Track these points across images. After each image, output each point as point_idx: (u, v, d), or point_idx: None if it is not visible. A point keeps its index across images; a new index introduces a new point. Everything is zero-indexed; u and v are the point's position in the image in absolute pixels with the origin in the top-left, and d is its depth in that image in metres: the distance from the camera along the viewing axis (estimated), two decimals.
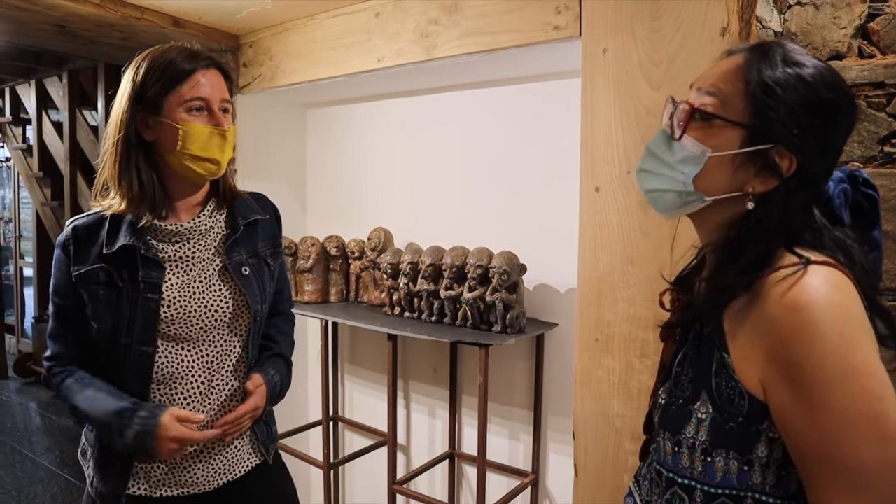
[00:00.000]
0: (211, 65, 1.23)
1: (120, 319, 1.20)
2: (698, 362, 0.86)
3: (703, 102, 0.86)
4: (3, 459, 3.84)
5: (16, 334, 6.12)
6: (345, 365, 2.99)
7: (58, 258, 1.25)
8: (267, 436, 1.40)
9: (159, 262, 1.23)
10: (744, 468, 0.80)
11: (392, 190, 2.76)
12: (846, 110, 0.83)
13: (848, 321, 0.73)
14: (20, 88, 4.91)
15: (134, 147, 1.20)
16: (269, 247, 1.40)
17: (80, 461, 1.33)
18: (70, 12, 2.17)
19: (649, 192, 0.94)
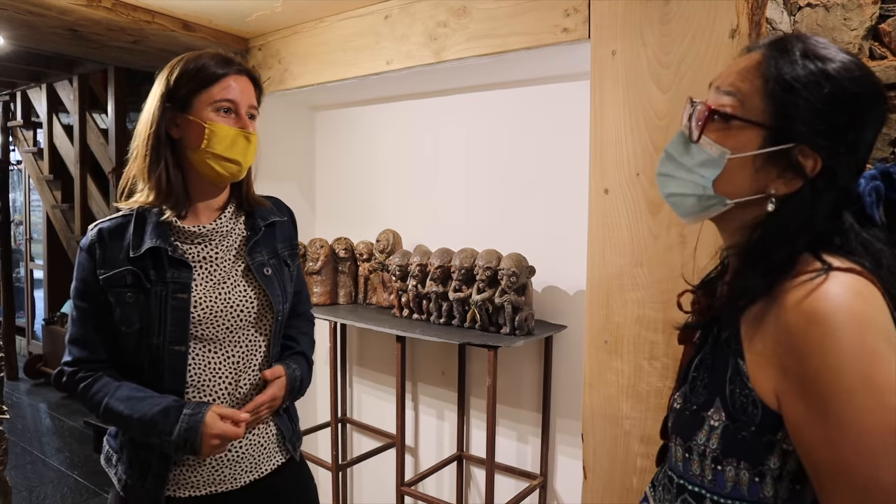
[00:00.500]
0: (243, 71, 1.27)
1: (150, 320, 1.21)
2: (714, 368, 0.84)
3: (721, 103, 0.83)
4: (14, 460, 3.87)
5: (26, 336, 6.16)
6: (353, 367, 3.00)
7: (82, 261, 1.25)
8: (293, 433, 1.42)
9: (187, 263, 1.25)
10: (755, 479, 0.77)
11: (401, 192, 2.76)
12: (874, 105, 0.78)
13: (869, 331, 0.69)
14: (31, 92, 4.95)
15: (163, 143, 1.24)
16: (287, 248, 1.42)
17: (105, 467, 1.33)
18: (83, 17, 2.20)
19: (669, 196, 0.92)
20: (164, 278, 1.22)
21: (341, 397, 2.95)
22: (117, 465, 1.29)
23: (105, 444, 1.34)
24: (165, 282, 1.22)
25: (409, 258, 2.35)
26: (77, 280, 1.26)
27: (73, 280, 1.26)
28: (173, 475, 1.26)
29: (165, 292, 1.22)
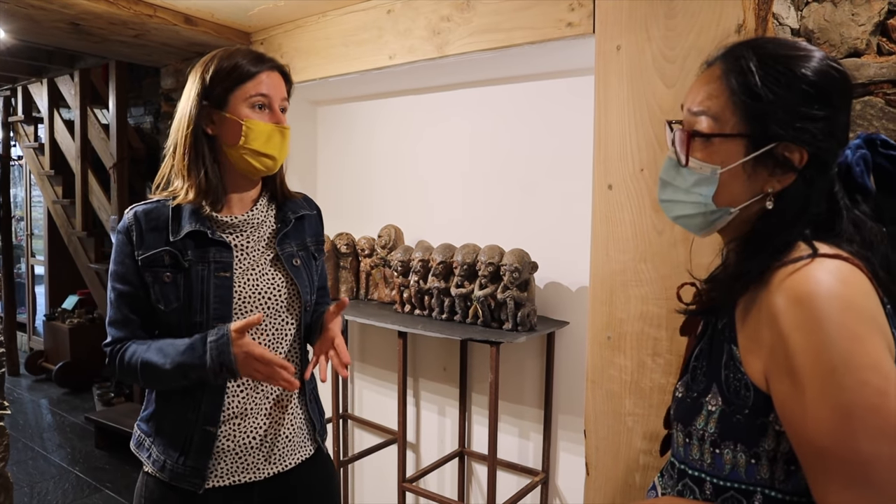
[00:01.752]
0: (275, 67, 1.29)
1: (190, 299, 1.24)
2: (711, 355, 0.87)
3: (696, 124, 0.87)
4: (16, 456, 3.86)
5: (27, 332, 6.16)
6: (354, 362, 3.00)
7: (120, 244, 1.28)
8: (321, 426, 1.44)
9: (227, 244, 1.28)
10: (751, 461, 0.80)
11: (403, 187, 2.75)
12: (838, 88, 0.82)
13: (850, 313, 0.71)
14: (32, 87, 4.93)
15: (202, 142, 1.26)
16: (314, 242, 1.44)
17: (136, 452, 1.34)
18: (84, 10, 2.19)
19: (677, 219, 0.95)
20: (205, 258, 1.26)
21: (343, 393, 2.94)
22: (151, 448, 1.30)
23: (136, 430, 1.36)
24: (207, 261, 1.26)
25: (411, 254, 2.35)
26: (115, 263, 1.28)
27: (111, 263, 1.29)
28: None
29: (207, 271, 1.25)
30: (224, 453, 1.28)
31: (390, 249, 2.56)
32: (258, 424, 1.31)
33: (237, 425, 1.29)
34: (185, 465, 1.26)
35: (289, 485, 1.37)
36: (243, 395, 1.29)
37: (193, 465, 1.26)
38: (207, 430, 1.26)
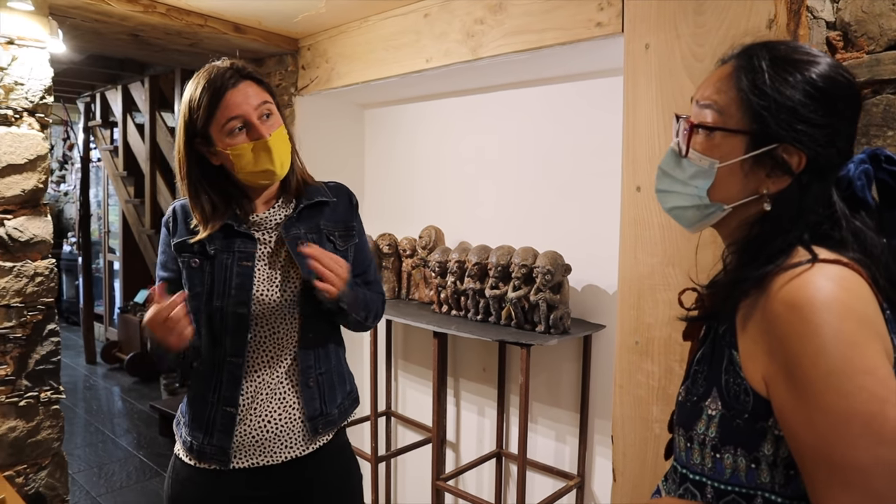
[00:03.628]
0: (239, 80, 1.28)
1: (214, 284, 1.32)
2: (712, 360, 0.87)
3: (701, 117, 0.88)
4: (89, 438, 4.13)
5: (104, 323, 6.54)
6: (398, 361, 3.05)
7: (162, 235, 1.41)
8: (319, 414, 1.44)
9: (252, 236, 1.36)
10: (751, 466, 0.80)
11: (444, 189, 2.78)
12: (844, 97, 0.82)
13: (848, 319, 0.71)
14: (109, 93, 5.23)
15: (197, 179, 1.33)
16: (337, 228, 1.45)
17: (175, 430, 1.45)
18: (141, 22, 2.32)
19: (671, 210, 0.96)
20: (230, 248, 1.34)
21: (386, 391, 3.00)
22: (183, 428, 1.41)
23: (177, 412, 1.47)
24: (232, 251, 1.34)
25: (449, 255, 2.37)
26: (159, 253, 1.41)
27: (158, 254, 1.42)
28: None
29: (231, 260, 1.34)
30: (244, 435, 1.35)
31: (430, 250, 2.59)
32: (272, 409, 1.36)
33: (255, 408, 1.35)
34: (211, 445, 1.34)
35: (305, 478, 1.41)
36: (259, 378, 1.36)
37: (218, 445, 1.34)
38: (227, 411, 1.33)
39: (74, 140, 6.64)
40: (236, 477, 1.36)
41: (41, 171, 2.00)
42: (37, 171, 1.99)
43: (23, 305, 1.98)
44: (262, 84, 1.32)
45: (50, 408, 2.06)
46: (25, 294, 1.99)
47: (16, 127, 1.94)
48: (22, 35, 1.93)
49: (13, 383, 1.98)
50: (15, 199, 1.95)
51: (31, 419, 2.02)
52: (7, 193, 1.93)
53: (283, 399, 1.38)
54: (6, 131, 1.91)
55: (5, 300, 1.95)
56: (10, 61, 1.91)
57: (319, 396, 1.43)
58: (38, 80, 1.97)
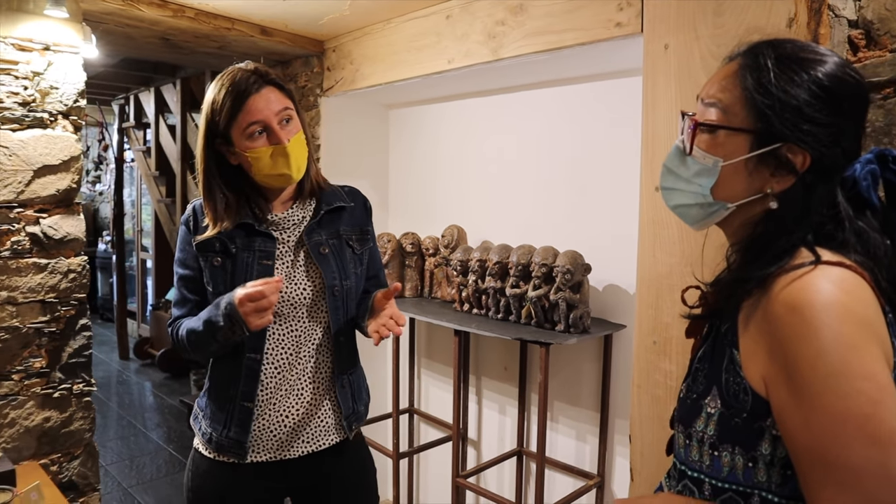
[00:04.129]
0: (262, 85, 1.32)
1: (235, 282, 1.34)
2: (713, 358, 0.88)
3: (706, 115, 0.88)
4: (121, 432, 4.24)
5: (137, 320, 6.70)
6: (421, 359, 3.07)
7: (182, 233, 1.44)
8: (352, 413, 1.49)
9: (271, 235, 1.40)
10: (749, 465, 0.81)
11: (466, 188, 2.80)
12: (850, 96, 0.81)
13: (848, 322, 0.71)
14: (142, 95, 5.36)
15: (215, 177, 1.37)
16: (354, 233, 1.50)
17: (192, 424, 1.49)
18: (171, 26, 2.38)
19: (675, 208, 0.96)
20: (251, 246, 1.38)
21: (409, 389, 3.03)
22: (202, 421, 1.44)
23: (195, 406, 1.50)
24: (252, 250, 1.38)
25: (470, 254, 2.39)
26: (178, 250, 1.44)
27: (176, 251, 1.45)
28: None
29: (251, 258, 1.37)
30: (262, 430, 1.38)
31: (453, 249, 2.61)
32: (290, 405, 1.40)
33: (273, 405, 1.39)
34: (228, 438, 1.38)
35: (320, 473, 1.45)
36: (279, 375, 1.39)
37: (235, 438, 1.38)
38: (245, 406, 1.37)
39: (109, 141, 6.81)
40: (254, 470, 1.40)
41: (74, 172, 2.07)
42: (70, 172, 2.06)
43: (57, 301, 2.06)
44: (283, 90, 1.36)
45: (82, 399, 2.14)
46: (59, 290, 2.06)
47: (51, 129, 2.01)
48: (57, 41, 2.00)
49: (47, 376, 2.06)
50: (50, 198, 2.03)
51: (65, 410, 2.10)
52: (42, 193, 2.01)
53: (301, 395, 1.41)
54: (41, 133, 1.99)
55: (40, 296, 2.02)
56: (46, 66, 1.98)
57: (352, 396, 1.49)
58: (71, 85, 2.05)
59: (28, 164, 1.97)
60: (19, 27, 1.93)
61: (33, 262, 2.00)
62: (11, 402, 1.99)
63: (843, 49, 1.39)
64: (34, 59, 1.96)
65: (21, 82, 1.94)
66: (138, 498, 3.33)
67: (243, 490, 1.41)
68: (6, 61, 1.91)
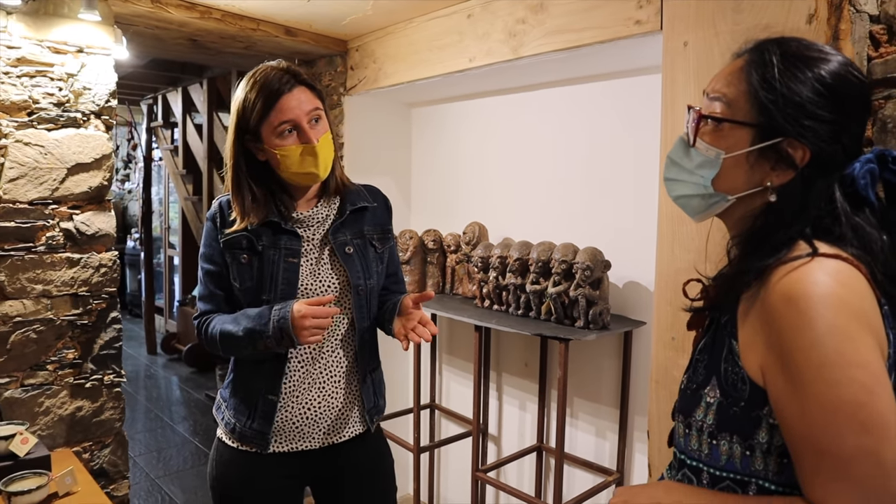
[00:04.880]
0: (294, 85, 1.35)
1: (263, 279, 1.39)
2: (713, 349, 0.89)
3: (710, 108, 0.90)
4: (149, 424, 4.34)
5: (164, 316, 6.82)
6: (443, 355, 3.10)
7: (207, 229, 1.46)
8: (374, 406, 1.54)
9: (297, 233, 1.43)
10: (746, 453, 0.82)
11: (488, 185, 2.82)
12: (853, 95, 0.84)
13: (842, 313, 0.73)
14: (170, 95, 5.47)
15: (243, 173, 1.40)
16: (376, 232, 1.54)
17: (214, 414, 1.53)
18: (198, 28, 2.44)
19: (677, 198, 0.99)
20: (277, 244, 1.40)
21: (430, 384, 3.06)
22: (225, 411, 1.48)
23: (217, 396, 1.54)
24: (278, 247, 1.40)
25: (491, 250, 2.41)
26: (204, 246, 1.47)
27: (201, 246, 1.48)
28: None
29: (278, 256, 1.40)
30: (284, 422, 1.42)
31: (474, 246, 2.64)
32: (312, 398, 1.44)
33: (296, 397, 1.42)
34: (252, 429, 1.42)
35: (339, 463, 1.49)
36: (303, 370, 1.43)
37: (258, 429, 1.42)
38: (269, 399, 1.41)
39: (138, 140, 6.95)
40: (276, 460, 1.44)
41: (106, 170, 2.14)
42: (102, 170, 2.13)
43: (89, 294, 2.13)
44: (314, 90, 1.40)
45: (112, 390, 2.21)
46: (91, 284, 2.13)
47: (83, 129, 2.08)
48: (90, 44, 2.07)
49: (80, 367, 2.13)
50: (82, 195, 2.10)
51: (96, 400, 2.17)
52: (76, 190, 2.08)
53: (323, 389, 1.45)
54: (75, 133, 2.06)
55: (73, 289, 2.09)
56: (80, 68, 2.05)
57: (374, 391, 1.54)
58: (103, 85, 2.11)
59: (62, 162, 2.04)
60: (54, 31, 2.00)
61: (66, 256, 2.08)
62: (46, 391, 2.06)
63: (865, 45, 1.39)
64: (68, 62, 2.03)
65: (56, 83, 2.01)
66: (165, 488, 3.42)
67: (265, 478, 1.45)
68: (42, 63, 1.98)
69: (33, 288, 2.02)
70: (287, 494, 1.49)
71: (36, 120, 1.98)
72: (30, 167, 1.99)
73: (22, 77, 1.95)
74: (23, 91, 1.95)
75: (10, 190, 1.96)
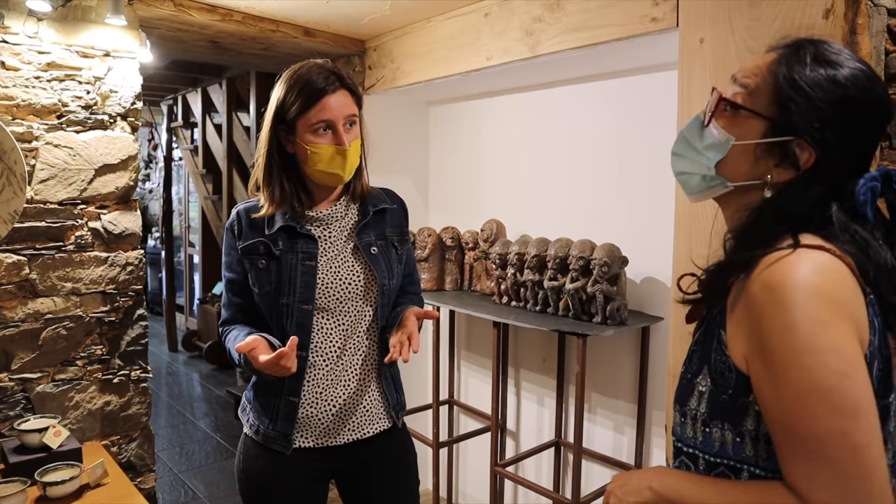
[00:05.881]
0: (338, 87, 1.39)
1: (281, 283, 1.42)
2: (705, 340, 0.92)
3: (733, 93, 0.91)
4: (171, 420, 4.42)
5: (185, 313, 6.92)
6: (461, 351, 3.13)
7: (227, 238, 1.50)
8: (397, 402, 1.57)
9: (313, 237, 1.46)
10: (737, 439, 0.85)
11: (505, 183, 2.85)
12: (873, 111, 0.85)
13: (818, 301, 0.75)
14: (189, 96, 5.54)
15: (276, 161, 1.44)
16: (396, 233, 1.57)
17: (240, 415, 1.57)
18: (219, 30, 2.48)
19: (679, 174, 1.00)
20: (294, 248, 1.43)
21: (448, 380, 3.09)
22: (249, 413, 1.52)
23: (243, 398, 1.59)
24: (296, 251, 1.43)
25: (509, 247, 2.43)
26: (224, 254, 1.51)
27: (223, 255, 1.52)
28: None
29: (295, 260, 1.43)
30: (307, 419, 1.46)
31: (492, 243, 2.66)
32: (337, 395, 1.47)
33: (318, 396, 1.46)
34: (275, 430, 1.46)
35: (365, 459, 1.52)
36: (326, 368, 1.46)
37: (281, 431, 1.45)
38: (291, 400, 1.44)
39: (158, 140, 7.05)
40: (302, 456, 1.47)
41: (132, 170, 2.19)
42: (128, 170, 2.18)
43: (116, 292, 2.18)
44: (355, 95, 1.44)
45: (139, 385, 2.26)
46: (118, 282, 2.18)
47: (110, 130, 2.13)
48: (117, 48, 2.12)
49: (108, 362, 2.19)
50: (110, 195, 2.15)
51: (123, 395, 2.22)
52: (103, 190, 2.13)
53: (347, 385, 1.47)
54: (102, 135, 2.11)
55: (101, 287, 2.15)
56: (107, 71, 2.10)
57: (394, 387, 1.57)
58: (129, 88, 2.16)
59: (90, 163, 2.09)
60: (82, 35, 2.05)
61: (95, 255, 2.13)
62: (76, 386, 2.12)
63: (882, 39, 1.40)
64: (96, 65, 2.08)
65: (84, 87, 2.06)
66: (188, 482, 3.48)
67: (291, 474, 1.48)
68: (71, 68, 2.03)
69: (63, 286, 2.08)
70: (313, 489, 1.53)
71: (65, 122, 2.04)
72: (59, 168, 2.04)
73: (52, 81, 2.00)
74: (52, 94, 2.01)
75: (40, 191, 2.02)
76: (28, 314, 2.02)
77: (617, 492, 0.96)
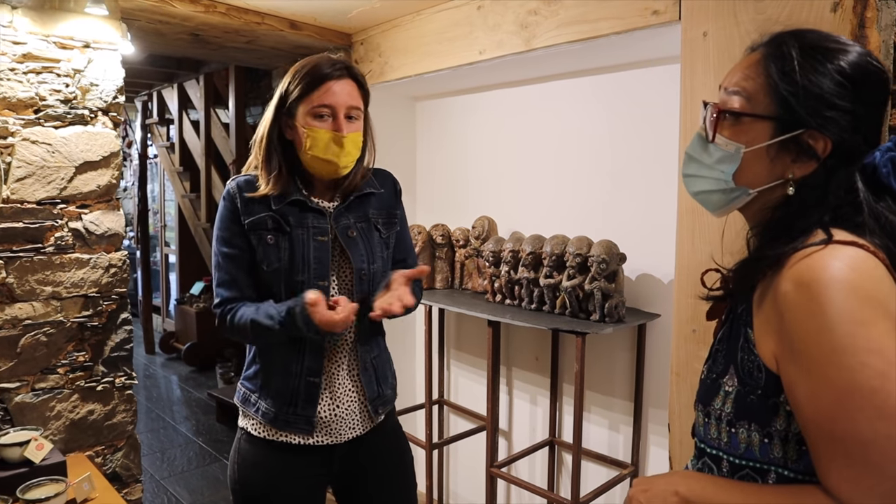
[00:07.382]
0: (344, 75, 1.37)
1: (294, 260, 1.37)
2: (730, 339, 0.90)
3: (729, 103, 0.90)
4: (151, 424, 4.31)
5: (161, 315, 6.78)
6: (451, 350, 3.09)
7: (225, 210, 1.40)
8: (377, 396, 1.50)
9: (323, 211, 1.42)
10: (764, 441, 0.83)
11: (496, 179, 2.81)
12: (871, 84, 0.84)
13: (856, 298, 0.73)
14: (165, 92, 5.41)
15: (275, 146, 1.40)
16: (381, 216, 1.51)
17: (242, 407, 1.47)
18: (202, 22, 2.40)
19: (697, 194, 0.98)
20: (304, 223, 1.39)
21: (438, 380, 3.05)
22: (258, 402, 1.43)
23: (240, 388, 1.49)
24: (306, 226, 1.39)
25: (503, 244, 2.40)
26: (221, 229, 1.40)
27: (216, 230, 1.42)
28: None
29: (306, 235, 1.39)
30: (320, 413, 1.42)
31: (483, 240, 2.62)
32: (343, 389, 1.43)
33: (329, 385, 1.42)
34: (297, 414, 1.40)
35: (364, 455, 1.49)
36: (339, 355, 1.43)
37: (303, 414, 1.40)
38: (311, 381, 1.40)
39: (132, 137, 6.88)
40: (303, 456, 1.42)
41: (114, 168, 2.11)
42: (110, 168, 2.10)
43: (99, 295, 2.10)
44: (362, 89, 1.41)
45: (124, 392, 2.18)
46: (101, 285, 2.10)
47: (91, 126, 2.05)
48: (97, 38, 2.03)
49: (91, 369, 2.10)
50: (91, 194, 2.06)
51: (108, 403, 2.14)
52: (84, 189, 2.04)
53: (344, 382, 1.44)
54: (83, 130, 2.02)
55: (83, 290, 2.06)
56: (87, 64, 2.01)
57: (376, 379, 1.50)
58: (111, 81, 2.08)
59: (70, 160, 2.00)
60: (60, 25, 1.96)
61: (76, 257, 2.04)
62: (57, 395, 2.03)
63: (892, 32, 1.38)
64: (75, 57, 1.99)
65: (63, 80, 1.97)
66: (171, 489, 3.39)
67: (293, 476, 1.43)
68: (49, 59, 1.94)
69: (42, 290, 1.99)
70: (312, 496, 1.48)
71: (43, 117, 1.95)
72: (37, 166, 1.95)
73: (28, 73, 1.91)
74: (29, 88, 1.92)
75: (17, 190, 1.92)
76: (5, 320, 1.93)
77: (640, 497, 0.93)
